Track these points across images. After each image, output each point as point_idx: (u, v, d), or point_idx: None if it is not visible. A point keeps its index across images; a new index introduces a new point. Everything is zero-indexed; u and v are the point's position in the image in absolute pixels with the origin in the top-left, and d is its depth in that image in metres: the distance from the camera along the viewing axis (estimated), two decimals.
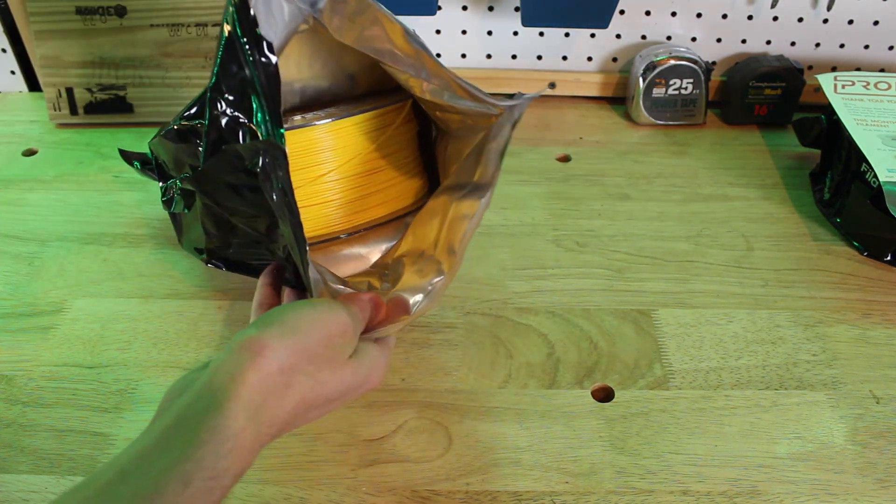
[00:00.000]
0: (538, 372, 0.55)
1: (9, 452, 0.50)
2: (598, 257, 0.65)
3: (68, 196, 0.72)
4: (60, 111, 0.80)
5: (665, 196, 0.73)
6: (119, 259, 0.65)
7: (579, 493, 0.48)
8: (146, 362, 0.56)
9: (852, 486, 0.48)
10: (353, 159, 0.54)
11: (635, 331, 0.58)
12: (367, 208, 0.56)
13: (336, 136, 0.53)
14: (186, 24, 0.77)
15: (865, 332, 0.58)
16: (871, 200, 0.64)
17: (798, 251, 0.66)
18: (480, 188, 0.52)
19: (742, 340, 0.58)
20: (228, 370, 0.37)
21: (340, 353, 0.41)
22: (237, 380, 0.36)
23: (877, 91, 0.72)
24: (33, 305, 0.60)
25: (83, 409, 0.52)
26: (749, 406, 0.53)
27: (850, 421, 0.52)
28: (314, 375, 0.39)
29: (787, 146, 0.79)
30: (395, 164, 0.56)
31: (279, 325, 0.39)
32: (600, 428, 0.51)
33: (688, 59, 0.78)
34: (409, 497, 0.47)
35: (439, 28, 0.84)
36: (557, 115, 0.85)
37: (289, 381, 0.38)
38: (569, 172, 0.76)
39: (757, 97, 0.80)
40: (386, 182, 0.56)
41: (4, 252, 0.65)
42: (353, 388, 0.41)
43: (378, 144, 0.55)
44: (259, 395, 0.36)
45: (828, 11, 0.80)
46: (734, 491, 0.48)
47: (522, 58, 0.86)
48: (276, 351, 0.38)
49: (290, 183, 0.44)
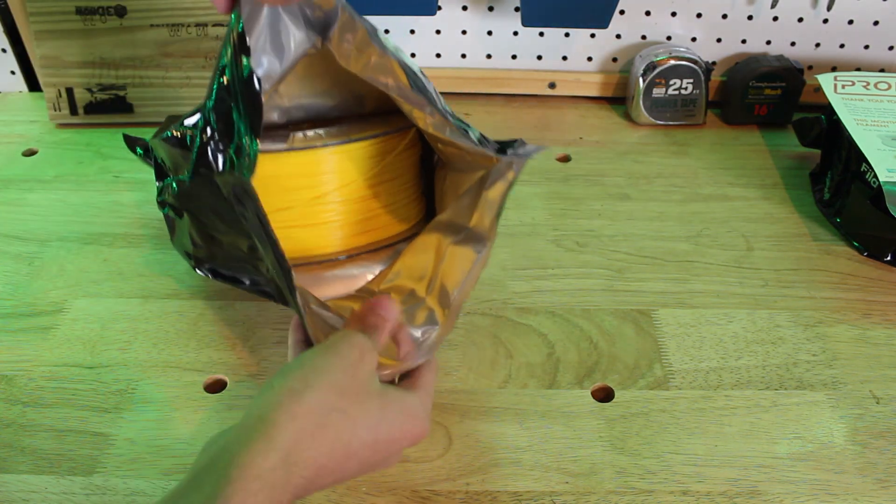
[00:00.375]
0: (538, 372, 0.55)
1: (9, 452, 0.50)
2: (598, 257, 0.65)
3: (68, 196, 0.72)
4: (60, 111, 0.80)
5: (665, 196, 0.73)
6: (119, 259, 0.65)
7: (579, 493, 0.48)
8: (146, 362, 0.56)
9: (852, 486, 0.48)
10: (353, 183, 0.54)
11: (635, 331, 0.58)
12: (363, 232, 0.56)
13: (338, 160, 0.53)
14: (186, 24, 0.77)
15: (865, 332, 0.58)
16: (871, 200, 0.64)
17: (798, 251, 0.66)
18: (477, 239, 0.52)
19: (742, 340, 0.58)
20: (260, 414, 0.38)
21: (367, 383, 0.41)
22: (267, 422, 0.37)
23: (877, 91, 0.72)
24: (33, 305, 0.60)
25: (83, 409, 0.52)
26: (749, 406, 0.53)
27: (850, 421, 0.52)
28: (346, 411, 0.39)
29: (787, 146, 0.79)
30: (394, 189, 0.56)
31: (304, 368, 0.40)
32: (600, 428, 0.51)
33: (688, 59, 0.78)
34: (409, 497, 0.47)
35: (439, 28, 0.84)
36: (557, 115, 0.85)
37: (322, 422, 0.38)
38: (569, 172, 0.76)
39: (757, 97, 0.80)
40: (384, 207, 0.56)
41: (4, 252, 0.65)
42: (388, 433, 0.41)
43: (379, 169, 0.55)
44: (291, 436, 0.37)
45: (828, 11, 0.80)
46: (734, 491, 0.48)
47: (522, 58, 0.86)
48: (304, 394, 0.39)
49: (265, 214, 0.44)
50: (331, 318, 0.50)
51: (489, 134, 0.52)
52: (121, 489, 0.47)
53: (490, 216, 0.51)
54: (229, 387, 0.54)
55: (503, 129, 0.82)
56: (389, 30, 0.84)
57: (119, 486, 0.48)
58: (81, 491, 0.47)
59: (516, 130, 0.82)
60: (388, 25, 0.84)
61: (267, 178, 0.51)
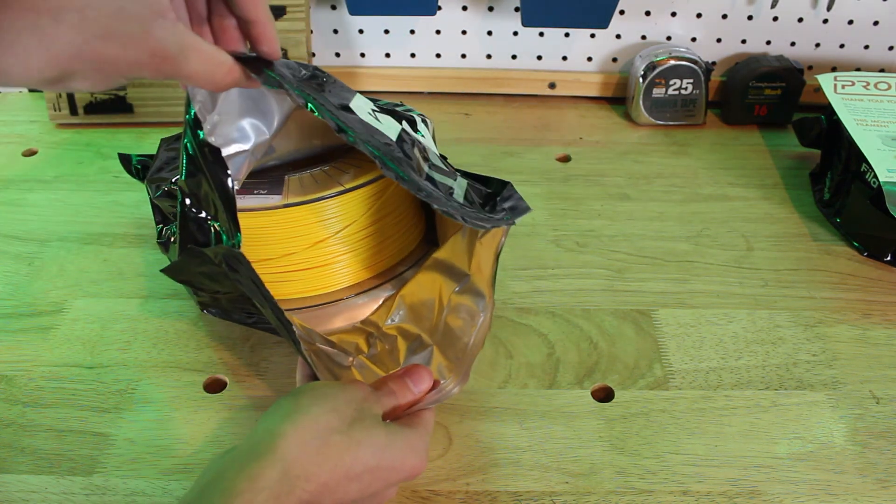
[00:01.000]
0: (538, 372, 0.55)
1: (9, 452, 0.50)
2: (598, 257, 0.65)
3: (68, 196, 0.72)
4: (60, 111, 0.80)
5: (665, 196, 0.73)
6: (119, 259, 0.65)
7: (579, 493, 0.47)
8: (146, 362, 0.56)
9: (852, 486, 0.48)
10: (353, 224, 0.54)
11: (635, 331, 0.58)
12: (366, 267, 0.56)
13: (336, 208, 0.53)
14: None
15: (865, 333, 0.58)
16: (871, 200, 0.64)
17: (798, 251, 0.66)
18: (477, 293, 0.52)
19: (742, 340, 0.58)
20: (267, 428, 0.39)
21: (370, 415, 0.43)
22: (275, 434, 0.39)
23: (877, 91, 0.72)
24: (33, 305, 0.60)
25: (83, 409, 0.52)
26: (749, 406, 0.53)
27: (850, 421, 0.52)
28: (348, 434, 0.40)
29: (787, 146, 0.79)
30: (394, 221, 0.57)
31: (314, 390, 0.42)
32: (600, 428, 0.51)
33: (688, 60, 0.78)
34: (409, 497, 0.47)
35: (439, 28, 0.84)
36: (557, 115, 0.85)
37: (326, 440, 0.39)
38: (569, 172, 0.76)
39: (757, 97, 0.80)
40: (385, 240, 0.57)
41: (4, 252, 0.65)
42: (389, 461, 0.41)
43: (377, 207, 0.55)
44: (296, 448, 0.38)
45: (828, 11, 0.80)
46: (734, 491, 0.48)
47: (522, 58, 0.86)
48: (311, 410, 0.40)
49: (259, 278, 0.45)
50: (336, 356, 0.51)
51: (489, 134, 0.52)
52: (121, 489, 0.47)
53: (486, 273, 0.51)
54: (229, 387, 0.54)
55: (503, 129, 0.82)
56: (389, 30, 0.84)
57: (119, 486, 0.48)
58: (81, 491, 0.47)
59: (516, 130, 0.82)
60: (388, 25, 0.84)
61: (264, 230, 0.53)
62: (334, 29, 0.84)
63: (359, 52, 0.86)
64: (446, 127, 0.82)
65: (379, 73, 0.86)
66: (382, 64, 0.87)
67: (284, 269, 0.54)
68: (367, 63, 0.87)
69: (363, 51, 0.86)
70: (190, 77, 0.37)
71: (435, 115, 0.83)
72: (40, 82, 0.33)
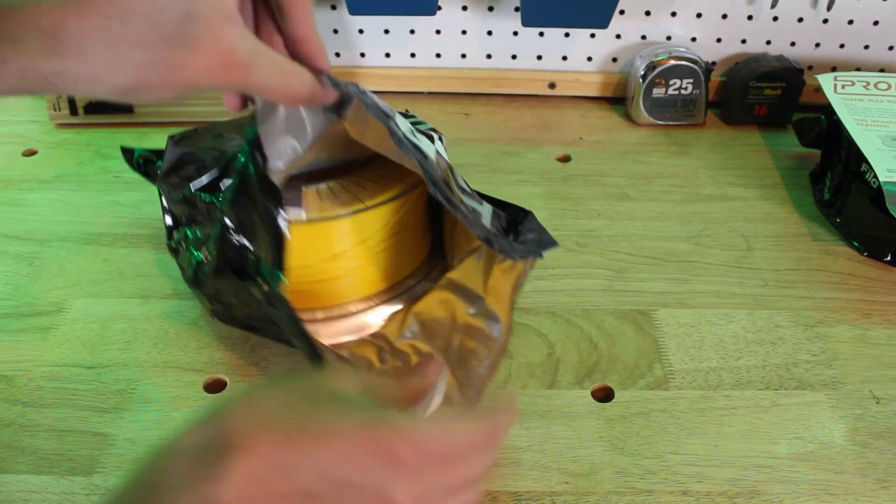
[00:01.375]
0: (538, 372, 0.55)
1: (9, 452, 0.50)
2: (598, 257, 0.65)
3: (68, 196, 0.72)
4: (60, 111, 0.80)
5: (665, 196, 0.73)
6: (119, 259, 0.65)
7: (579, 493, 0.47)
8: (146, 362, 0.56)
9: (852, 486, 0.48)
10: (369, 240, 0.55)
11: (635, 331, 0.58)
12: (378, 280, 0.57)
13: (352, 225, 0.53)
14: None
15: (865, 332, 0.58)
16: (871, 200, 0.64)
17: (798, 251, 0.66)
18: (491, 317, 0.52)
19: (742, 340, 0.58)
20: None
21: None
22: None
23: (877, 91, 0.72)
24: (33, 305, 0.60)
25: (83, 409, 0.52)
26: (749, 406, 0.53)
27: (850, 421, 0.52)
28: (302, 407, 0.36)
29: (787, 146, 0.79)
30: (406, 236, 0.57)
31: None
32: (600, 428, 0.51)
33: (688, 59, 0.78)
34: None
35: (439, 28, 0.84)
36: (557, 115, 0.85)
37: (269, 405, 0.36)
38: (569, 172, 0.76)
39: (757, 97, 0.80)
40: (398, 254, 0.57)
41: (4, 252, 0.65)
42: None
43: (393, 223, 0.55)
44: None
45: (828, 11, 0.80)
46: (734, 491, 0.48)
47: (522, 58, 0.86)
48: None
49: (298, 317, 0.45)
50: None
51: (489, 134, 0.52)
52: None
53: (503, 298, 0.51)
54: (229, 387, 0.54)
55: (503, 129, 0.82)
56: (389, 30, 0.84)
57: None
58: (81, 491, 0.47)
59: (516, 130, 0.82)
60: (389, 25, 0.84)
61: None
62: (334, 29, 0.84)
63: (359, 51, 0.86)
64: (446, 127, 0.82)
65: (379, 73, 0.86)
66: (382, 64, 0.87)
67: (297, 280, 0.54)
68: (367, 63, 0.87)
69: (363, 51, 0.86)
70: (261, 87, 0.35)
71: (435, 115, 0.83)
72: (108, 90, 0.32)
